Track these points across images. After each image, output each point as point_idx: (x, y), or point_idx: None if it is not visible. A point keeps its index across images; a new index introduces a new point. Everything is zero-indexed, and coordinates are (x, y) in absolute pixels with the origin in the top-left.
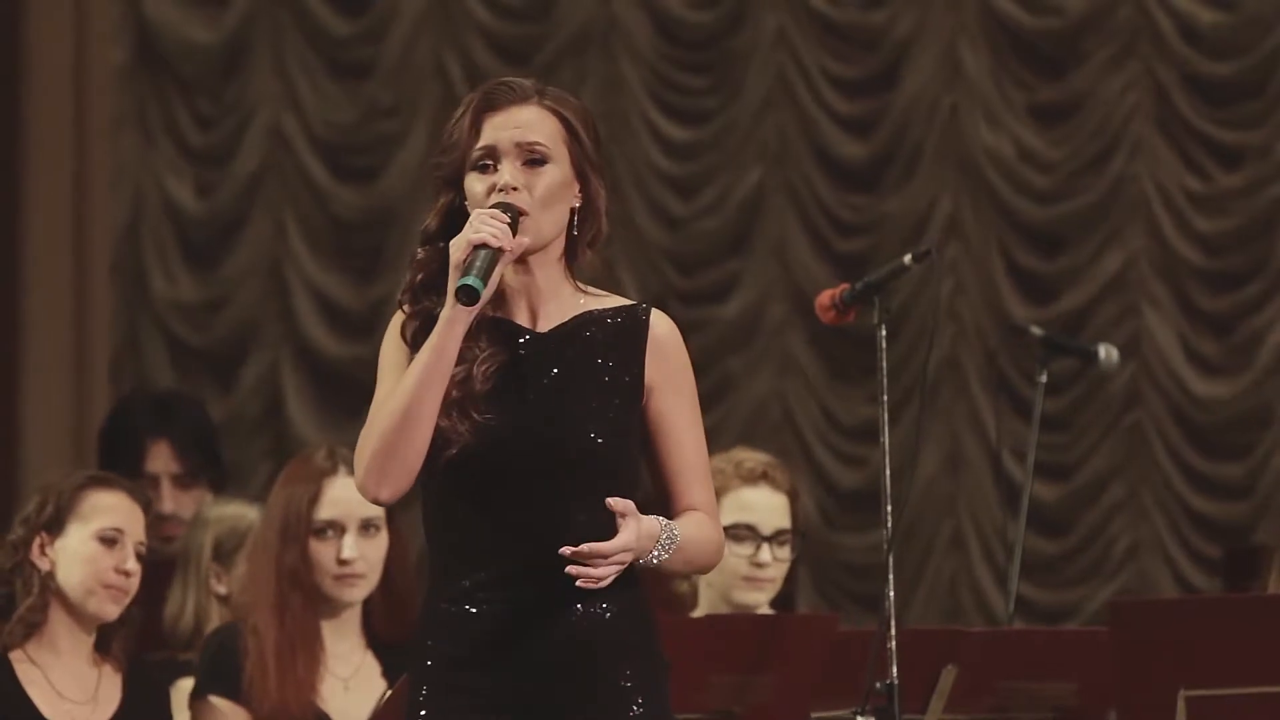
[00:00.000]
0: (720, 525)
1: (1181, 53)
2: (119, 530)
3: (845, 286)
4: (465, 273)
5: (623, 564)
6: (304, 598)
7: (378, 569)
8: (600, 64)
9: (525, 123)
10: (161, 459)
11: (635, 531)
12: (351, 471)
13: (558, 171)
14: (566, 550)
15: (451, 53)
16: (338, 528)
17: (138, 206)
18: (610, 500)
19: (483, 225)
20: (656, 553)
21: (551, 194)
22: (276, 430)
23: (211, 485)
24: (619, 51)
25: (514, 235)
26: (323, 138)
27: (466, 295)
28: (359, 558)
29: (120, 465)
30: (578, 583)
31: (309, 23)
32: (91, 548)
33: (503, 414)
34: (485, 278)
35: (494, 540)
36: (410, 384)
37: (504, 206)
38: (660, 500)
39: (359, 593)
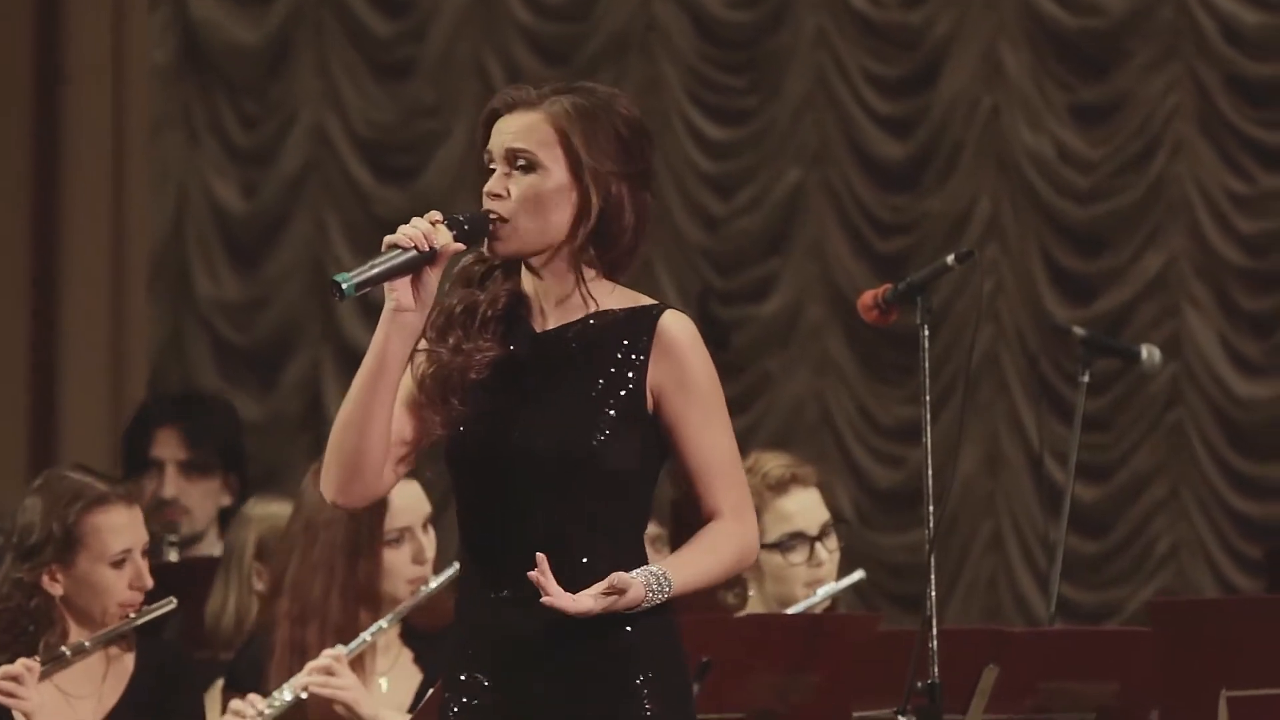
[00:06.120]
0: (751, 520)
1: (1224, 53)
2: (128, 550)
3: (888, 286)
4: (355, 270)
5: (589, 612)
6: (370, 611)
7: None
8: (640, 64)
9: (517, 129)
10: (169, 446)
11: (604, 604)
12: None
13: (545, 178)
14: (534, 576)
15: (492, 52)
16: (409, 532)
17: (181, 207)
18: (590, 592)
19: (402, 227)
20: (653, 597)
21: (534, 200)
22: (317, 429)
23: (230, 482)
24: (658, 51)
25: (463, 241)
26: (364, 137)
27: (334, 289)
28: (430, 558)
29: (132, 453)
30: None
31: (351, 22)
32: (107, 577)
33: (491, 410)
34: (371, 279)
35: (497, 540)
36: (354, 388)
37: (470, 216)
38: (689, 504)
39: (423, 589)
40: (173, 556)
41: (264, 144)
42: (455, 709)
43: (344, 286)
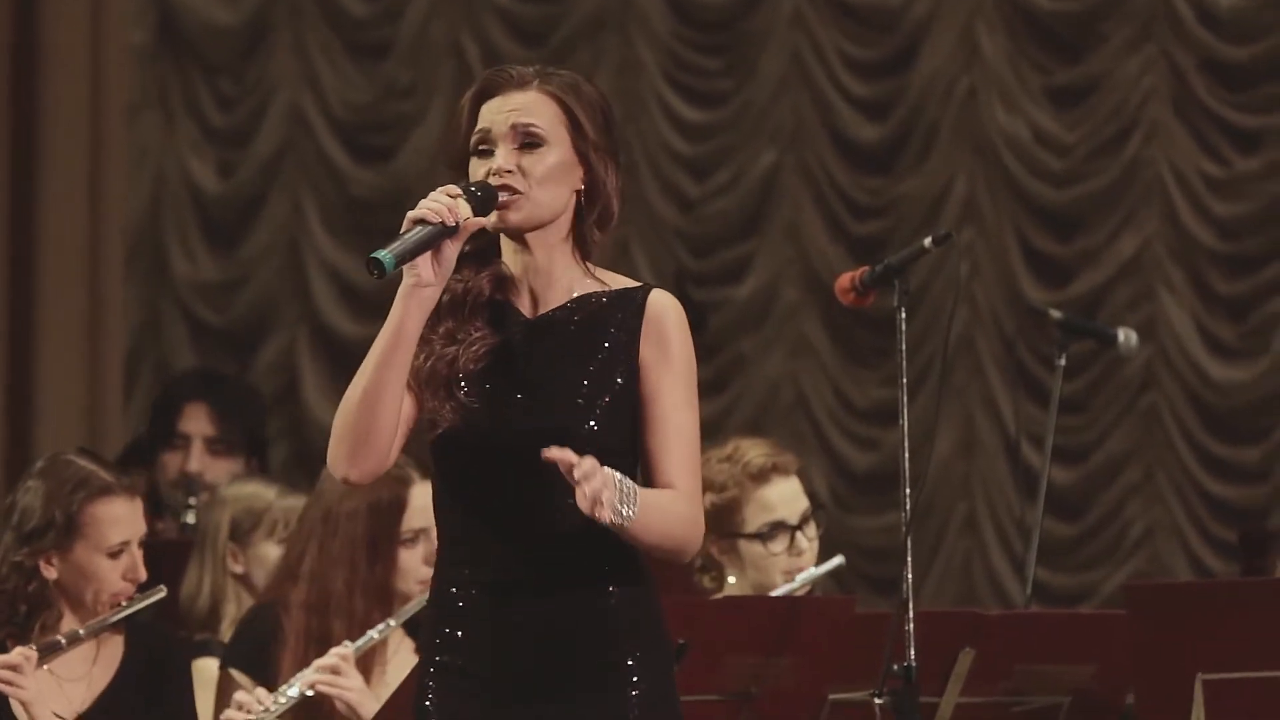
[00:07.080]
0: (700, 509)
1: (1199, 36)
2: (126, 542)
3: (865, 269)
4: (389, 246)
5: (600, 482)
6: (381, 608)
7: None
8: (615, 45)
9: (521, 106)
10: (197, 421)
11: (593, 460)
12: (424, 475)
13: (555, 154)
14: (551, 453)
15: (468, 33)
16: (424, 534)
17: (158, 187)
18: (546, 452)
19: (424, 202)
20: (622, 507)
21: (548, 175)
22: (292, 410)
23: (252, 465)
24: (634, 32)
25: (479, 214)
26: (341, 118)
27: (374, 267)
28: None
29: (158, 424)
30: (596, 511)
31: (327, 3)
32: (103, 567)
33: (490, 397)
34: (406, 253)
35: (490, 525)
36: (369, 363)
37: (481, 186)
38: (645, 484)
39: None
40: (190, 518)
41: (241, 125)
42: (438, 691)
43: (385, 263)
